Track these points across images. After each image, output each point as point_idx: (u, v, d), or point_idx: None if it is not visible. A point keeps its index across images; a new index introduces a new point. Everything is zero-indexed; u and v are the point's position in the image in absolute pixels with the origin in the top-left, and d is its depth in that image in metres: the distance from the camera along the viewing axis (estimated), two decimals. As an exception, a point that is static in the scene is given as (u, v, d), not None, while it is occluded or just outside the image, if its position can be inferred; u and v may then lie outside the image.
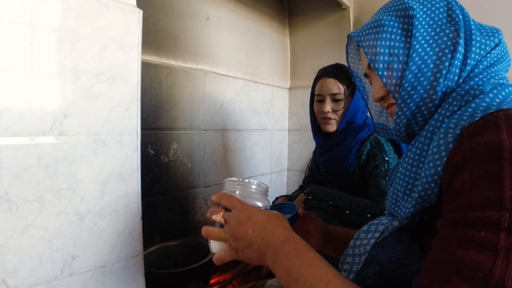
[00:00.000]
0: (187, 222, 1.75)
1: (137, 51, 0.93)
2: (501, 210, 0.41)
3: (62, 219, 0.82)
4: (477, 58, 0.62)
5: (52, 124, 0.79)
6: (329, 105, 1.43)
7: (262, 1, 2.25)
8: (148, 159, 1.52)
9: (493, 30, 0.65)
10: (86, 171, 0.85)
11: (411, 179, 0.63)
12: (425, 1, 0.67)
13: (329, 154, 1.47)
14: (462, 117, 0.53)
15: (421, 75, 0.64)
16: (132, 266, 0.96)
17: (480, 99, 0.54)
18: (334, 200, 1.30)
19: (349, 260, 0.76)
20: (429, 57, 0.63)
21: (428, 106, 0.64)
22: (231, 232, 0.67)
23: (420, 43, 0.64)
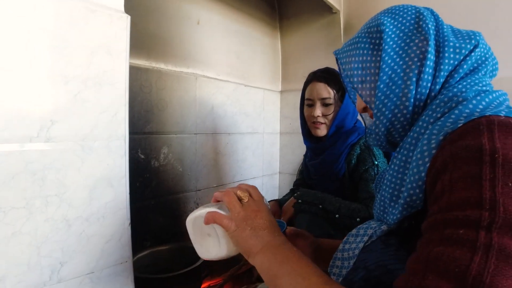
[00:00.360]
0: (178, 227, 1.74)
1: (124, 57, 0.93)
2: (480, 210, 0.42)
3: (50, 225, 0.81)
4: (453, 63, 0.63)
5: (39, 130, 0.79)
6: (319, 110, 1.44)
7: (253, 5, 2.25)
8: (139, 164, 1.51)
9: (470, 33, 0.67)
10: (73, 178, 0.85)
11: (397, 185, 0.64)
12: (396, 16, 0.71)
13: (320, 158, 1.48)
14: (445, 123, 0.53)
15: (392, 83, 0.66)
16: (121, 272, 0.95)
17: (463, 105, 0.55)
18: (324, 204, 1.30)
19: (338, 264, 0.77)
20: (399, 67, 0.66)
21: (403, 113, 0.66)
22: (247, 210, 0.70)
23: (389, 54, 0.67)
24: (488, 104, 0.55)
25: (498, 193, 0.41)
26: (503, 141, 0.45)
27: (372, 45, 0.71)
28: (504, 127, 0.46)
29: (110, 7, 0.91)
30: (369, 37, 0.72)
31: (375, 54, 0.70)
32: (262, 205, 0.73)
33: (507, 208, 0.41)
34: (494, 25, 1.68)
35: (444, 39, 0.65)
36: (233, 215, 0.70)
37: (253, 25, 2.28)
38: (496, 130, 0.46)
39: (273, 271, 0.62)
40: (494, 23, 1.68)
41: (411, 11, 0.70)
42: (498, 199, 0.41)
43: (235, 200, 0.72)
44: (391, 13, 0.72)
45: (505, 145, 0.44)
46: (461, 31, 0.68)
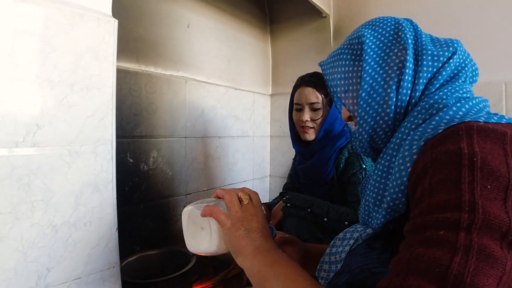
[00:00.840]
0: (168, 231, 1.74)
1: (112, 61, 0.93)
2: (460, 212, 0.42)
3: (37, 231, 0.81)
4: (432, 71, 0.65)
5: (25, 135, 0.78)
6: (308, 114, 1.45)
7: (243, 9, 2.26)
8: (127, 168, 1.50)
9: (448, 41, 0.69)
10: (60, 183, 0.84)
11: (380, 190, 0.65)
12: (376, 27, 0.74)
13: (308, 162, 1.49)
14: (426, 129, 0.55)
15: (373, 92, 0.69)
16: (108, 278, 0.95)
17: (443, 112, 0.56)
18: (312, 208, 1.31)
19: (326, 268, 0.78)
20: (379, 75, 0.69)
21: (385, 120, 0.67)
22: (245, 212, 0.71)
23: (370, 64, 0.70)
24: (468, 110, 0.57)
25: (477, 195, 0.42)
26: (481, 145, 0.46)
27: (353, 56, 0.74)
28: (482, 132, 0.47)
29: (98, 11, 0.91)
30: (351, 49, 0.75)
31: (356, 65, 0.73)
32: (259, 211, 0.74)
33: (486, 209, 0.42)
34: (475, 33, 1.72)
35: (423, 48, 0.67)
36: (231, 213, 0.71)
37: (244, 29, 2.28)
38: (475, 135, 0.47)
39: (262, 273, 0.63)
40: (475, 31, 1.72)
41: (390, 23, 0.73)
42: (477, 201, 0.42)
43: (236, 200, 0.73)
44: (371, 25, 0.75)
45: (484, 149, 0.45)
46: (439, 39, 0.71)
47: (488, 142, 0.46)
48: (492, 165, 0.44)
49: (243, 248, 0.67)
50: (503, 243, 0.41)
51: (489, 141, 0.46)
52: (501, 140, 0.46)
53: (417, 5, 1.88)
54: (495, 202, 0.42)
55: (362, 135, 0.72)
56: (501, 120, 0.52)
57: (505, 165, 0.44)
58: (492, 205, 0.42)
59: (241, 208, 0.72)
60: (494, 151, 0.45)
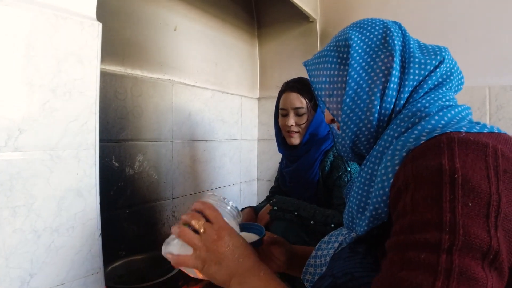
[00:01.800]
0: (154, 235, 1.73)
1: (95, 65, 0.93)
2: (441, 232, 0.42)
3: (18, 236, 0.80)
4: (418, 79, 0.65)
5: (7, 140, 0.77)
6: (293, 119, 1.47)
7: (231, 13, 2.27)
8: (112, 172, 1.49)
9: (436, 49, 0.68)
10: (42, 188, 0.83)
11: (363, 197, 0.65)
12: (364, 30, 0.72)
13: (294, 165, 1.50)
14: (408, 139, 0.55)
15: (358, 98, 0.68)
16: (91, 283, 0.94)
17: (426, 121, 0.56)
18: (298, 211, 1.31)
19: (311, 271, 0.78)
20: (364, 82, 0.67)
21: (368, 127, 0.67)
22: (207, 243, 0.67)
23: (356, 69, 0.69)
24: (450, 119, 0.57)
25: (458, 214, 0.42)
26: (463, 159, 0.46)
27: (339, 59, 0.73)
28: (464, 144, 0.47)
29: (82, 14, 0.91)
30: (337, 51, 0.73)
31: (342, 69, 0.72)
32: (221, 230, 0.69)
33: (467, 229, 0.42)
34: (459, 37, 1.75)
35: (410, 55, 0.66)
36: (195, 253, 0.67)
37: (231, 32, 2.29)
38: (456, 148, 0.47)
39: None
40: (459, 35, 1.75)
41: (379, 26, 0.71)
42: (458, 220, 0.42)
43: (191, 235, 0.68)
44: (359, 27, 0.74)
45: (465, 164, 0.45)
46: (427, 46, 0.70)
47: (470, 155, 0.46)
48: (473, 181, 0.44)
49: (223, 282, 0.67)
50: (484, 263, 0.41)
51: (471, 153, 0.46)
52: (482, 152, 0.46)
53: (404, 10, 1.90)
54: (476, 220, 0.42)
55: (345, 141, 0.72)
56: (483, 130, 0.52)
57: (486, 180, 0.44)
58: (473, 224, 0.42)
59: (201, 240, 0.67)
60: (476, 165, 0.45)
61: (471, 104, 0.65)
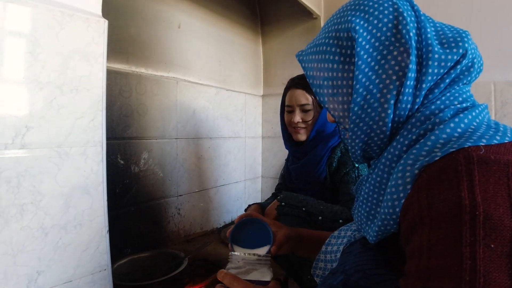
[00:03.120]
0: (159, 233, 1.73)
1: (101, 62, 0.92)
2: (460, 283, 0.39)
3: (26, 234, 0.80)
4: (436, 78, 0.56)
5: (14, 137, 0.77)
6: (299, 116, 1.46)
7: (234, 10, 2.26)
8: (118, 170, 1.49)
9: (457, 38, 0.57)
10: (49, 185, 0.83)
11: (373, 205, 0.61)
12: (370, 17, 0.60)
13: (301, 162, 1.49)
14: (420, 152, 0.50)
15: (368, 106, 0.59)
16: (99, 281, 0.94)
17: (440, 129, 0.50)
18: (306, 207, 1.31)
19: (322, 266, 0.78)
20: (375, 86, 0.58)
21: (380, 137, 0.60)
22: None
23: (364, 71, 0.58)
24: (467, 126, 0.51)
25: (479, 260, 0.39)
26: (483, 188, 0.41)
27: (342, 56, 0.62)
28: (484, 166, 0.43)
29: (87, 11, 0.90)
30: (338, 46, 0.62)
31: (346, 69, 0.61)
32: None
33: (488, 276, 0.39)
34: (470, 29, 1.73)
35: (428, 49, 0.56)
36: None
37: (235, 30, 2.28)
38: (476, 172, 0.43)
39: None
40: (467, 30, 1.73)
41: (388, 9, 0.59)
42: (479, 268, 0.39)
43: None
44: (363, 11, 0.61)
45: (486, 195, 0.41)
46: (445, 32, 0.59)
47: (491, 179, 0.42)
48: (495, 217, 0.40)
49: None
50: None
51: (492, 178, 0.42)
52: (504, 174, 0.42)
53: (407, 6, 1.89)
54: (498, 262, 0.39)
55: (355, 149, 0.65)
56: (503, 139, 0.47)
57: (509, 212, 0.40)
58: (495, 269, 0.39)
59: None
60: (498, 194, 0.41)
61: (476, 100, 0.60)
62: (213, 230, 2.14)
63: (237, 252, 0.84)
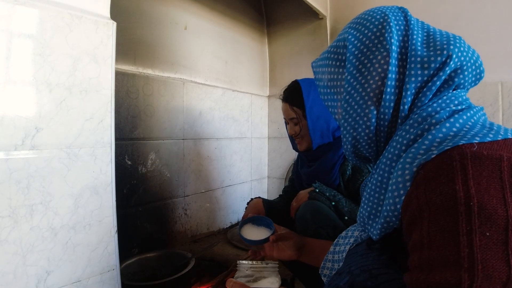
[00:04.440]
0: (166, 233, 1.74)
1: (110, 64, 0.93)
2: (460, 271, 0.41)
3: (36, 234, 0.81)
4: (422, 80, 0.59)
5: (24, 138, 0.78)
6: (292, 129, 1.46)
7: (240, 11, 2.27)
8: (125, 170, 1.50)
9: (443, 41, 0.60)
10: (59, 186, 0.84)
11: (374, 204, 0.63)
12: (361, 27, 0.67)
13: (312, 167, 1.48)
14: (418, 151, 0.52)
15: (354, 102, 0.65)
16: (108, 280, 0.95)
17: (436, 129, 0.53)
18: (337, 203, 1.28)
19: (329, 266, 0.79)
20: (360, 85, 0.64)
21: (366, 132, 0.65)
22: None
23: (351, 72, 0.65)
24: (462, 125, 0.53)
25: (476, 248, 0.41)
26: (477, 180, 0.44)
27: (338, 61, 0.69)
28: (477, 161, 0.45)
29: (96, 13, 0.91)
30: (336, 53, 0.70)
31: (340, 72, 0.69)
32: None
33: (486, 263, 0.40)
34: (471, 32, 1.72)
35: (411, 53, 0.60)
36: None
37: (241, 30, 2.29)
38: (469, 166, 0.45)
39: None
40: (470, 30, 1.72)
41: (376, 19, 0.66)
42: (476, 255, 0.41)
43: None
44: (357, 23, 0.69)
45: (479, 187, 0.43)
46: (435, 37, 0.62)
47: (484, 173, 0.44)
48: (489, 207, 0.42)
49: None
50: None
51: (485, 171, 0.44)
52: (497, 168, 0.45)
53: (415, 4, 1.88)
54: (495, 249, 0.41)
55: (346, 144, 0.70)
56: (496, 137, 0.49)
57: (503, 202, 0.42)
58: (492, 256, 0.41)
59: None
60: (491, 186, 0.43)
61: (483, 100, 0.60)
62: (220, 230, 2.15)
63: (244, 260, 0.88)
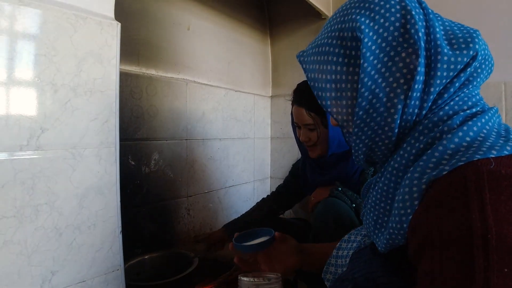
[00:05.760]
0: (169, 233, 1.74)
1: (115, 64, 0.93)
2: None
3: (40, 234, 0.81)
4: (445, 82, 0.52)
5: (29, 138, 0.78)
6: (304, 135, 1.35)
7: (243, 11, 2.27)
8: (129, 170, 1.50)
9: (467, 38, 0.53)
10: (63, 186, 0.84)
11: (380, 214, 0.59)
12: (376, 15, 0.55)
13: (326, 176, 1.40)
14: (427, 164, 0.47)
15: (373, 111, 0.55)
16: (112, 281, 0.95)
17: (448, 140, 0.47)
18: (357, 205, 1.24)
19: (332, 270, 0.77)
20: (381, 90, 0.54)
21: (385, 143, 0.57)
22: None
23: (370, 74, 0.54)
24: (476, 134, 0.48)
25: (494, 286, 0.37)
26: (495, 208, 0.39)
27: (346, 57, 0.57)
28: (494, 183, 0.40)
29: (100, 14, 0.91)
30: (342, 46, 0.58)
31: (350, 71, 0.57)
32: None
33: None
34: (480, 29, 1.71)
35: (437, 50, 0.52)
36: None
37: (244, 31, 2.29)
38: (486, 190, 0.40)
39: None
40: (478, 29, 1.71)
41: (394, 7, 0.55)
42: None
43: None
44: (369, 9, 0.56)
45: (497, 215, 0.39)
46: (455, 32, 0.55)
47: (502, 197, 0.39)
48: (509, 240, 0.37)
49: None
50: None
51: (503, 195, 0.40)
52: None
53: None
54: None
55: (358, 153, 0.62)
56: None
57: None
58: None
59: None
60: (510, 213, 0.39)
61: (486, 101, 0.54)
62: (223, 230, 2.15)
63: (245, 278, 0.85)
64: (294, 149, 2.31)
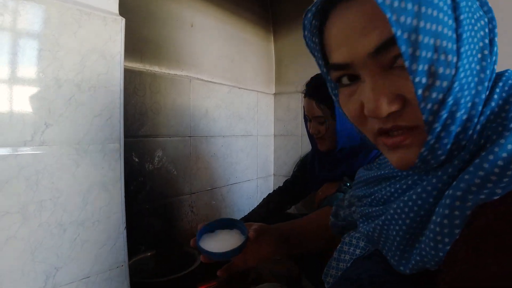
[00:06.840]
0: (173, 230, 1.74)
1: (119, 60, 0.93)
2: None
3: (44, 230, 0.81)
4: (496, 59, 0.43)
5: (33, 134, 0.78)
6: (314, 128, 1.35)
7: (246, 8, 2.26)
8: (133, 167, 1.50)
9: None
10: (67, 182, 0.84)
11: (411, 229, 0.46)
12: None
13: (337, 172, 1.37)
14: (473, 180, 0.36)
15: (467, 86, 0.40)
16: (116, 277, 0.95)
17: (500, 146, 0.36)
18: None
19: (333, 273, 0.75)
20: (477, 62, 0.41)
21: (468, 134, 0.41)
22: None
23: (466, 34, 0.39)
24: None
25: None
26: None
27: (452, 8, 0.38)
28: None
29: (105, 10, 0.91)
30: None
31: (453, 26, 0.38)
32: None
33: None
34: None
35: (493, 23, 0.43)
36: None
37: (247, 28, 2.28)
38: None
39: None
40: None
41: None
42: None
43: None
44: None
45: None
46: None
47: None
48: None
49: None
50: None
51: None
52: None
53: None
54: None
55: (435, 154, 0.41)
56: None
57: None
58: None
59: None
60: None
61: None
62: (226, 228, 2.14)
63: None
64: (298, 146, 2.30)
